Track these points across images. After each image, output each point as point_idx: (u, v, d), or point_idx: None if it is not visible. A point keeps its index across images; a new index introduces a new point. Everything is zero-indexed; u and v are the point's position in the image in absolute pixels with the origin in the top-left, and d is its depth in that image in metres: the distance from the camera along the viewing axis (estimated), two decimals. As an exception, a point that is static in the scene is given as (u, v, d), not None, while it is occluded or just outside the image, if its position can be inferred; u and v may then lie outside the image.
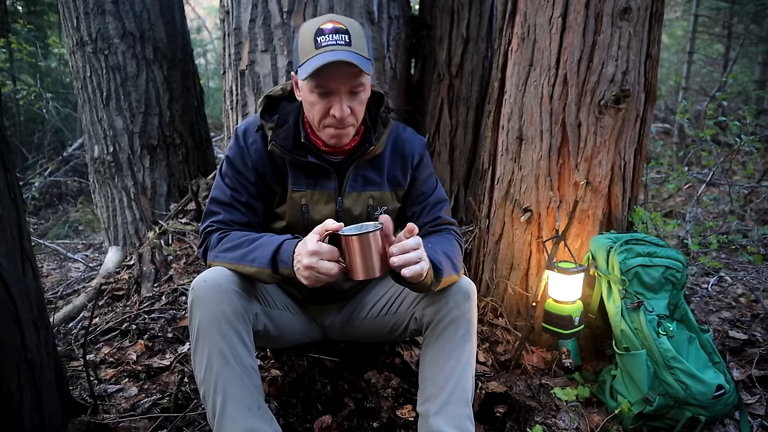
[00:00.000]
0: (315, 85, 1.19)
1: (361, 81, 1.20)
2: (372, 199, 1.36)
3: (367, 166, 1.35)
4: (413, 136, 1.43)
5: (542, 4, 1.69)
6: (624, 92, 1.63)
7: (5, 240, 1.14)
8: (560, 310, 1.61)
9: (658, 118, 8.65)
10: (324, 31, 1.17)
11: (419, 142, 1.43)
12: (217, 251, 1.24)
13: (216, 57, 9.84)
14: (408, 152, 1.40)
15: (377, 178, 1.37)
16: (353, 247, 1.07)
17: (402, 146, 1.40)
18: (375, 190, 1.37)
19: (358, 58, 1.15)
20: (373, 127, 1.34)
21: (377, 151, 1.34)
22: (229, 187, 1.31)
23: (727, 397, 1.44)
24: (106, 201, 3.26)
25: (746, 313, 2.22)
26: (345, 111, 1.19)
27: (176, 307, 2.10)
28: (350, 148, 1.33)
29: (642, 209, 1.83)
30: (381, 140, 1.34)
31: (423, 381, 1.26)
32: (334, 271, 1.07)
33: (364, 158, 1.33)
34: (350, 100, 1.21)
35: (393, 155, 1.39)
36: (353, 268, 1.09)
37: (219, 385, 1.11)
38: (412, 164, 1.40)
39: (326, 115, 1.22)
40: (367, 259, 1.07)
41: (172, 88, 3.19)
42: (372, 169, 1.36)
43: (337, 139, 1.25)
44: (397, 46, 2.61)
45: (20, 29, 6.40)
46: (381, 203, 1.38)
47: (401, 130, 1.43)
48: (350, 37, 1.18)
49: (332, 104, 1.20)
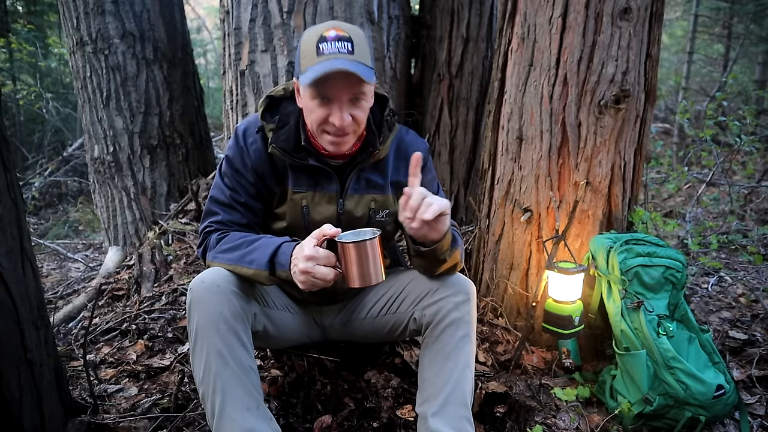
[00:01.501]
0: (316, 93, 1.18)
1: (363, 90, 1.19)
2: (374, 202, 1.36)
3: (370, 169, 1.35)
4: (416, 140, 1.43)
5: (542, 4, 1.69)
6: (624, 92, 1.62)
7: (5, 240, 1.14)
8: (560, 310, 1.61)
9: (658, 118, 8.65)
10: (327, 38, 1.16)
11: (422, 145, 1.43)
12: (216, 252, 1.24)
13: (216, 57, 9.84)
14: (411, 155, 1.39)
15: (380, 181, 1.36)
16: (350, 254, 1.07)
17: (405, 150, 1.39)
18: (377, 194, 1.36)
19: (360, 68, 1.14)
20: (378, 131, 1.33)
21: (381, 155, 1.33)
22: (228, 187, 1.31)
23: (727, 397, 1.44)
24: (106, 201, 3.26)
25: (746, 313, 2.22)
26: (345, 119, 1.18)
27: (176, 307, 2.10)
28: (351, 153, 1.32)
29: (642, 209, 1.83)
30: (386, 144, 1.33)
31: (422, 382, 1.26)
32: (329, 277, 1.08)
33: (368, 161, 1.32)
34: (351, 108, 1.20)
35: (396, 159, 1.39)
36: (349, 276, 1.08)
37: (218, 385, 1.11)
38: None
39: (325, 122, 1.20)
40: (363, 267, 1.07)
41: (172, 88, 3.19)
42: (375, 173, 1.36)
43: (336, 146, 1.24)
44: (397, 46, 2.61)
45: (20, 29, 6.40)
46: (383, 206, 1.38)
47: (404, 134, 1.42)
48: (353, 45, 1.17)
49: (332, 112, 1.19)
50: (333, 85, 1.16)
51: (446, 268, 1.29)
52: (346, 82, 1.16)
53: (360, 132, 1.27)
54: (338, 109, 1.18)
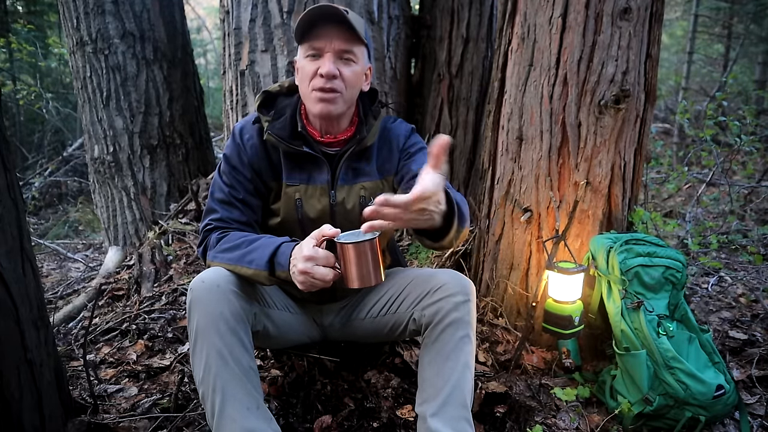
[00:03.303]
0: (307, 46, 1.24)
1: (352, 48, 1.24)
2: (364, 189, 1.37)
3: (357, 158, 1.36)
4: (400, 124, 1.45)
5: (542, 4, 1.69)
6: (624, 92, 1.62)
7: (5, 240, 1.14)
8: (560, 310, 1.61)
9: (658, 118, 8.65)
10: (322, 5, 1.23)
11: (405, 126, 1.44)
12: (216, 251, 1.25)
13: (216, 57, 9.84)
14: (393, 137, 1.41)
15: (367, 168, 1.37)
16: (349, 255, 1.06)
17: (389, 134, 1.41)
18: (366, 181, 1.37)
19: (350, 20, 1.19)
20: (365, 120, 1.36)
21: (368, 142, 1.35)
22: (226, 184, 1.32)
23: (727, 397, 1.44)
24: (106, 201, 3.26)
25: (746, 313, 2.22)
26: (331, 68, 1.22)
27: (176, 307, 2.10)
28: (345, 139, 1.35)
29: (642, 209, 1.83)
30: (372, 131, 1.36)
31: (422, 382, 1.26)
32: (328, 277, 1.08)
33: (355, 150, 1.34)
34: (340, 64, 1.24)
35: (380, 144, 1.40)
36: (348, 276, 1.08)
37: (218, 385, 1.11)
38: (399, 146, 1.41)
39: (315, 76, 1.24)
40: (362, 268, 1.06)
41: (172, 88, 3.19)
42: (362, 161, 1.37)
43: (324, 104, 1.25)
44: (397, 46, 2.61)
45: (20, 29, 6.40)
46: (373, 193, 1.36)
47: (389, 122, 1.44)
48: (348, 12, 1.21)
49: (321, 65, 1.23)
50: (321, 34, 1.22)
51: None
52: (335, 31, 1.22)
53: (348, 97, 1.28)
54: (327, 59, 1.23)
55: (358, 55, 1.26)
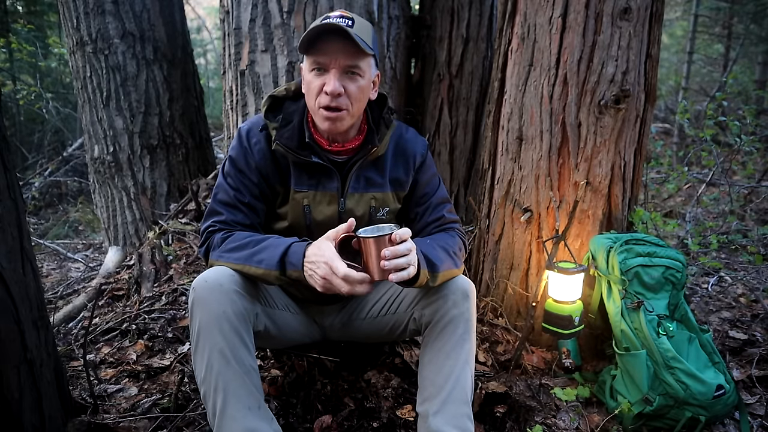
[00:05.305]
0: (311, 61, 1.22)
1: (358, 63, 1.21)
2: (374, 200, 1.36)
3: (369, 167, 1.35)
4: (415, 137, 1.43)
5: (542, 4, 1.69)
6: (624, 92, 1.63)
7: (5, 240, 1.14)
8: (560, 310, 1.61)
9: (658, 118, 8.65)
10: (330, 16, 1.21)
11: (421, 143, 1.43)
12: (221, 251, 1.24)
13: (216, 57, 9.84)
14: (410, 153, 1.40)
15: (379, 179, 1.37)
16: (370, 249, 1.08)
17: (404, 147, 1.40)
18: (377, 191, 1.37)
19: (355, 36, 1.16)
20: (376, 129, 1.34)
21: (380, 152, 1.34)
22: (231, 187, 1.31)
23: (727, 397, 1.44)
24: (106, 201, 3.26)
25: (746, 313, 2.22)
26: (336, 86, 1.20)
27: (176, 307, 2.10)
28: (353, 147, 1.33)
29: (642, 209, 1.83)
30: (384, 141, 1.34)
31: (422, 381, 1.27)
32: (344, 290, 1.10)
33: (366, 159, 1.33)
34: (345, 80, 1.22)
35: (395, 156, 1.39)
36: (371, 270, 1.10)
37: (219, 384, 1.11)
38: (415, 166, 1.41)
39: (320, 93, 1.22)
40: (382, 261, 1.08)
41: (172, 88, 3.19)
42: (374, 170, 1.36)
43: (330, 122, 1.24)
44: (397, 46, 2.61)
45: (20, 29, 6.40)
46: (383, 204, 1.38)
47: (404, 131, 1.43)
48: (354, 23, 1.19)
49: (326, 81, 1.21)
50: (326, 49, 1.19)
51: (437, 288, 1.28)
52: (340, 46, 1.18)
53: (354, 112, 1.27)
54: (332, 76, 1.20)
55: (364, 68, 1.23)
